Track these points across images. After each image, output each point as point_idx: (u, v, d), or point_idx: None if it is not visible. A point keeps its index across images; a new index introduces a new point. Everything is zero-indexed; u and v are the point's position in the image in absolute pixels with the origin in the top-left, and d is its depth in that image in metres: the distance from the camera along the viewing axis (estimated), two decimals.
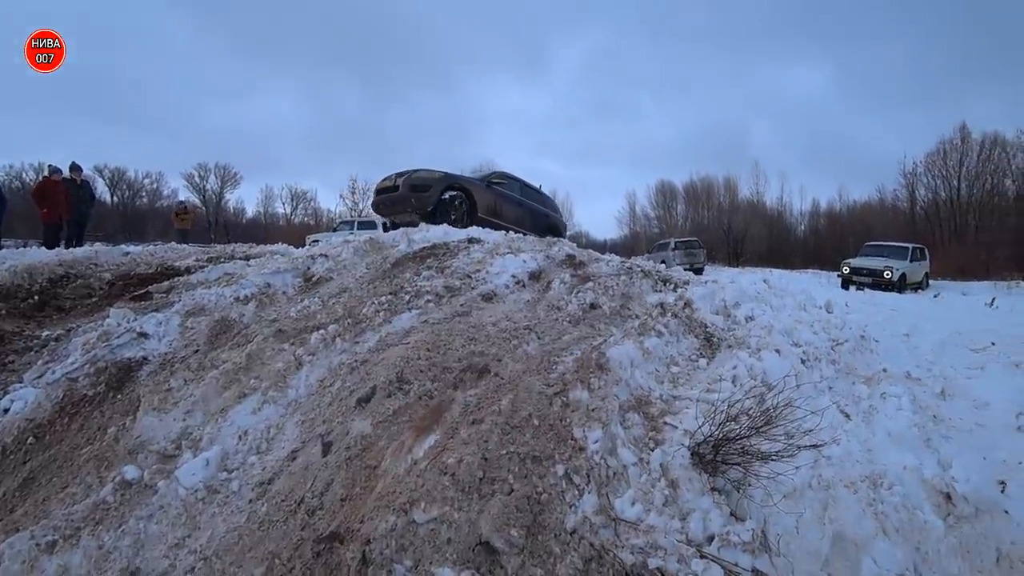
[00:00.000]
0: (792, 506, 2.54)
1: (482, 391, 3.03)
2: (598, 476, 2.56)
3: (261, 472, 2.78)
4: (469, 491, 2.35)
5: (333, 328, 3.89)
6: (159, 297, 4.84)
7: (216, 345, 3.94)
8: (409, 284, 4.69)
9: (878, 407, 3.65)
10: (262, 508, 2.54)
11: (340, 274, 5.18)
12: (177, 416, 3.20)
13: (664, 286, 5.20)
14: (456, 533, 2.21)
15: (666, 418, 3.04)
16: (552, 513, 2.36)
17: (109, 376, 3.57)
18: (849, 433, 3.23)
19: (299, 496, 2.54)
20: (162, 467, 2.84)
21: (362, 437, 2.79)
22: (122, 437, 3.07)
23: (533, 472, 2.51)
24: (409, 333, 3.81)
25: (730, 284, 5.12)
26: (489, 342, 3.59)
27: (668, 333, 3.98)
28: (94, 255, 6.03)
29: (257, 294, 4.67)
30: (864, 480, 2.88)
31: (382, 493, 2.39)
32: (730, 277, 6.38)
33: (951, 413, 3.75)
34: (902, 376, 4.22)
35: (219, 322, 4.17)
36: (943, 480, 2.93)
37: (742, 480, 2.59)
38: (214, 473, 2.77)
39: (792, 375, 3.39)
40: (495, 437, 2.59)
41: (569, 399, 2.95)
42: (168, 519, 2.56)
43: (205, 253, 6.79)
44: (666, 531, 2.31)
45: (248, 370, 3.53)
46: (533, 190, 10.47)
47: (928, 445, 3.32)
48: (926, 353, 4.96)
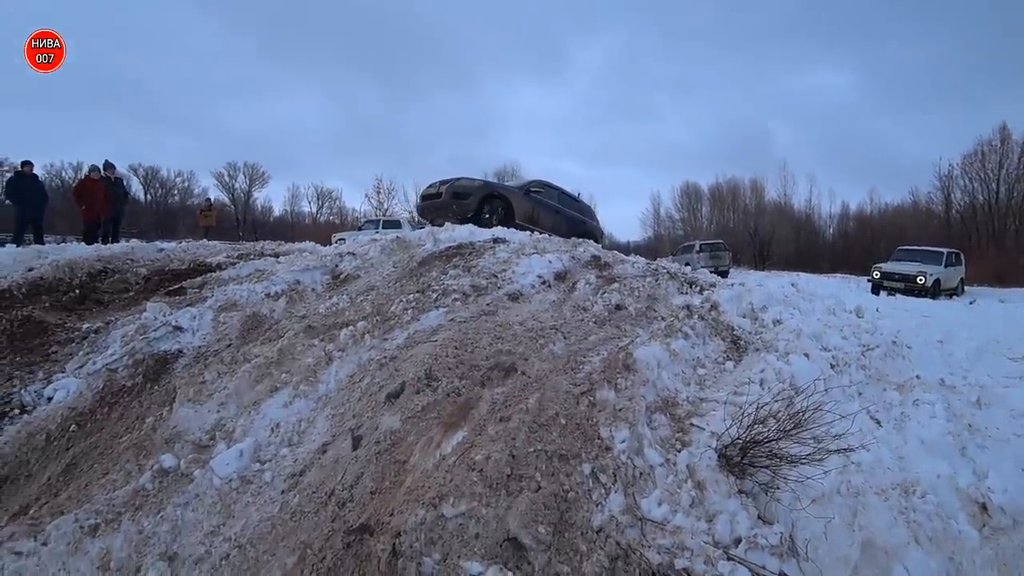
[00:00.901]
0: (821, 511, 2.51)
1: (509, 389, 3.05)
2: (625, 476, 2.56)
3: (293, 464, 2.84)
4: (497, 487, 2.37)
5: (362, 325, 3.96)
6: (192, 292, 4.99)
7: (248, 340, 4.04)
8: (436, 283, 4.74)
9: (910, 414, 3.58)
10: (294, 499, 2.60)
11: (368, 272, 5.26)
12: (211, 408, 3.30)
13: (690, 288, 5.16)
14: (484, 528, 2.23)
15: (692, 419, 3.02)
16: (579, 511, 2.37)
17: (146, 368, 3.70)
18: (880, 440, 3.17)
19: (330, 488, 2.60)
20: (198, 457, 2.93)
21: (391, 432, 2.84)
22: (159, 427, 3.17)
23: (560, 470, 2.52)
24: (437, 331, 3.86)
25: (757, 287, 5.06)
26: (516, 341, 3.61)
27: (695, 335, 3.95)
28: (130, 251, 6.23)
29: (287, 290, 4.77)
30: (896, 487, 2.83)
31: (411, 487, 2.43)
32: (757, 280, 6.30)
33: (987, 422, 3.65)
34: (936, 383, 4.12)
35: (251, 317, 4.28)
36: (979, 490, 2.86)
37: (770, 483, 2.57)
38: (247, 464, 2.85)
39: (821, 379, 3.34)
40: (523, 435, 2.61)
41: (596, 399, 2.96)
42: (204, 507, 2.64)
43: (235, 250, 6.96)
44: (693, 532, 2.30)
45: (279, 364, 3.61)
46: (571, 198, 10.74)
47: (963, 454, 3.25)
48: (961, 360, 4.84)
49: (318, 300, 4.69)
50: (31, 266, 5.42)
